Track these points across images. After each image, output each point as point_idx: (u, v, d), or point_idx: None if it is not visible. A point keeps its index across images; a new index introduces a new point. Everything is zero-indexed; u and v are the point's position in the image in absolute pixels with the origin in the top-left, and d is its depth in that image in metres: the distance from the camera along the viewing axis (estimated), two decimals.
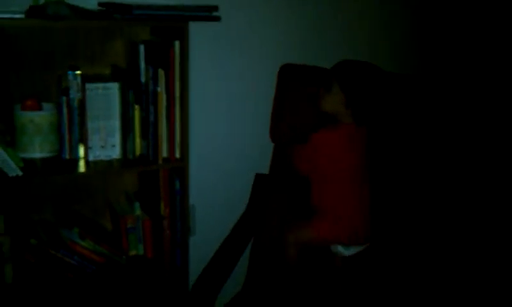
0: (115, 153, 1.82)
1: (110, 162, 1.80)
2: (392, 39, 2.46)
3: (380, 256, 1.93)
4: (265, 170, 2.11)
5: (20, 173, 1.64)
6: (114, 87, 1.78)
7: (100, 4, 1.81)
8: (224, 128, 2.21)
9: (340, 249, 1.89)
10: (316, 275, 1.92)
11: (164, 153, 1.82)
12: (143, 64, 1.77)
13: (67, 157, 1.78)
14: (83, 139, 1.78)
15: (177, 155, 1.83)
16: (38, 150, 1.75)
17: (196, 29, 1.77)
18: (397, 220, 1.98)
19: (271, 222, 1.99)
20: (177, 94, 1.78)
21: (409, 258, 1.93)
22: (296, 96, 1.99)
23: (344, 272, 1.91)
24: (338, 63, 1.84)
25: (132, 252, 1.95)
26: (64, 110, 1.74)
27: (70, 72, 1.73)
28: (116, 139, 1.81)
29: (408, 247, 1.95)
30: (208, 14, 1.73)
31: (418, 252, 1.94)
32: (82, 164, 1.77)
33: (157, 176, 1.88)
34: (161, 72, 1.75)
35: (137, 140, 1.82)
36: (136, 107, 1.79)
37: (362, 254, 1.88)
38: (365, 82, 1.80)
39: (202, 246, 2.05)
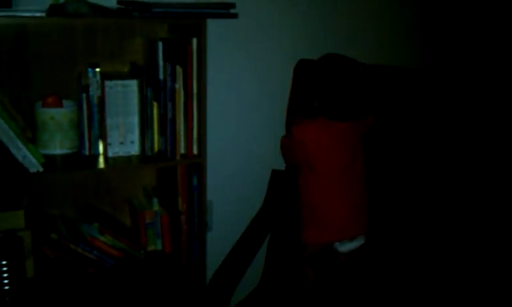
0: (134, 149, 1.84)
1: (129, 158, 1.83)
2: (401, 34, 2.45)
3: (382, 252, 1.93)
4: (281, 166, 2.11)
5: (41, 169, 1.66)
6: (132, 85, 1.80)
7: (119, 2, 1.83)
8: (241, 124, 2.22)
9: (335, 244, 1.89)
10: (322, 272, 1.93)
11: (182, 149, 1.83)
12: (161, 62, 1.78)
13: (87, 153, 1.80)
14: (102, 136, 1.80)
15: (195, 151, 1.85)
16: (59, 146, 1.78)
17: (213, 26, 1.78)
18: (397, 217, 1.97)
19: (288, 218, 2.00)
20: (195, 91, 1.80)
21: (410, 255, 1.93)
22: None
23: (348, 267, 1.92)
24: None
25: (151, 247, 1.97)
26: (84, 107, 1.77)
27: (89, 69, 1.75)
28: (135, 135, 1.84)
29: (408, 244, 1.95)
30: (225, 11, 1.74)
31: (419, 249, 1.94)
32: (101, 160, 1.80)
33: (175, 172, 1.89)
34: (179, 69, 1.76)
35: (156, 136, 1.84)
36: (154, 103, 1.81)
37: (364, 250, 1.87)
38: (327, 76, 1.76)
39: (219, 241, 2.06)
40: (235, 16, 1.74)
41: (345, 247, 1.87)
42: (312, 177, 1.82)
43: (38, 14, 1.59)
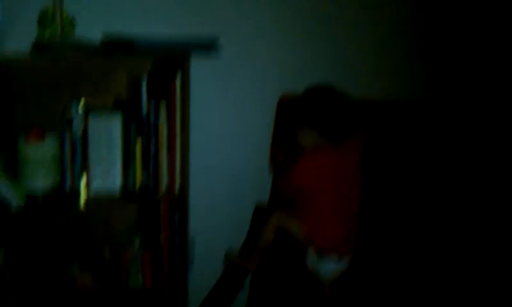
0: (116, 184, 1.84)
1: (111, 193, 1.82)
2: (391, 70, 2.51)
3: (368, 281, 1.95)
4: (264, 201, 2.12)
5: (22, 204, 1.65)
6: (116, 119, 1.81)
7: (103, 37, 1.86)
8: (224, 159, 2.23)
9: (312, 259, 1.90)
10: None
11: (165, 184, 1.84)
12: (144, 97, 1.80)
13: (69, 187, 1.80)
14: (85, 170, 1.80)
15: (177, 186, 1.85)
16: (41, 181, 1.77)
17: (196, 62, 1.81)
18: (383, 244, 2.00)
19: (270, 254, 2.00)
20: (178, 126, 1.81)
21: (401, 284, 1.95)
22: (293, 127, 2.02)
23: (333, 299, 1.91)
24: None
25: (132, 283, 1.94)
26: (67, 141, 1.77)
27: (73, 105, 1.76)
28: (117, 170, 1.84)
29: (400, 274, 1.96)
30: (209, 44, 1.77)
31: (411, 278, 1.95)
32: (83, 194, 1.79)
33: (158, 207, 1.89)
34: (163, 104, 1.78)
35: (138, 171, 1.84)
36: (138, 138, 1.82)
37: (349, 280, 1.88)
38: (313, 103, 1.82)
39: (202, 277, 2.04)
40: (218, 50, 1.78)
41: (329, 270, 1.87)
42: (309, 203, 1.85)
43: (22, 52, 1.61)
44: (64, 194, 1.79)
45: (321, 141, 1.83)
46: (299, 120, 1.83)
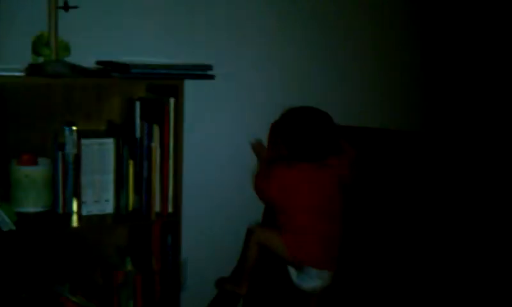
0: (108, 208, 1.83)
1: (103, 217, 1.82)
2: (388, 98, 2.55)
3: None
4: (259, 222, 2.13)
5: (14, 228, 1.64)
6: (109, 143, 1.81)
7: (97, 63, 1.86)
8: (217, 183, 2.24)
9: (293, 274, 1.91)
10: None
11: (157, 207, 1.83)
12: (138, 121, 1.81)
13: (61, 211, 1.79)
14: (77, 194, 1.80)
15: (170, 210, 1.85)
16: (32, 204, 1.76)
17: (190, 84, 1.81)
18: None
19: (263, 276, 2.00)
20: (171, 149, 1.81)
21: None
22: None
23: None
24: None
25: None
26: (60, 165, 1.77)
27: (66, 128, 1.76)
28: (110, 193, 1.83)
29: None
30: (203, 72, 1.78)
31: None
32: (75, 218, 1.78)
33: (150, 230, 1.89)
34: (156, 128, 1.78)
35: (131, 195, 1.84)
36: (130, 162, 1.82)
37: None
38: (290, 121, 1.92)
39: (194, 300, 2.04)
40: (211, 77, 1.79)
41: (308, 284, 1.88)
42: (285, 216, 1.90)
43: (17, 73, 1.61)
44: (57, 215, 1.78)
45: (293, 158, 1.89)
46: (277, 134, 1.97)
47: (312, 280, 1.89)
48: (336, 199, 1.92)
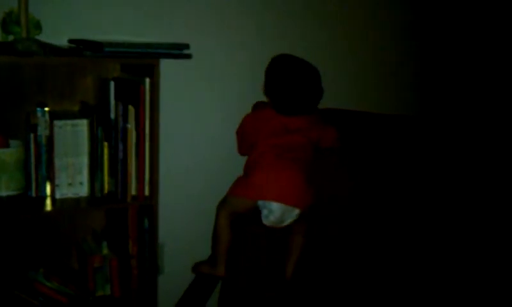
0: (83, 190, 1.79)
1: (77, 200, 1.77)
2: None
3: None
4: None
5: None
6: (82, 124, 1.76)
7: (70, 41, 1.81)
8: (194, 165, 2.21)
9: (263, 213, 1.90)
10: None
11: (133, 190, 1.80)
12: (112, 101, 1.76)
13: (34, 194, 1.75)
14: (50, 177, 1.75)
15: (146, 192, 1.81)
16: (4, 188, 1.72)
17: (167, 64, 1.77)
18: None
19: (240, 264, 1.98)
20: (147, 131, 1.77)
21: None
22: None
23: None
24: None
25: (99, 293, 1.91)
26: (32, 147, 1.72)
27: (38, 109, 1.71)
28: (84, 176, 1.79)
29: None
30: (179, 52, 1.74)
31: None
32: (48, 202, 1.74)
33: (126, 214, 1.85)
34: (131, 109, 1.74)
35: (106, 177, 1.80)
36: (105, 144, 1.77)
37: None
38: (275, 71, 1.96)
39: (171, 285, 2.01)
40: (189, 56, 1.75)
41: (270, 218, 1.87)
42: (254, 152, 1.94)
43: None
44: (29, 199, 1.73)
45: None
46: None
47: (271, 214, 1.87)
48: (305, 149, 1.93)
